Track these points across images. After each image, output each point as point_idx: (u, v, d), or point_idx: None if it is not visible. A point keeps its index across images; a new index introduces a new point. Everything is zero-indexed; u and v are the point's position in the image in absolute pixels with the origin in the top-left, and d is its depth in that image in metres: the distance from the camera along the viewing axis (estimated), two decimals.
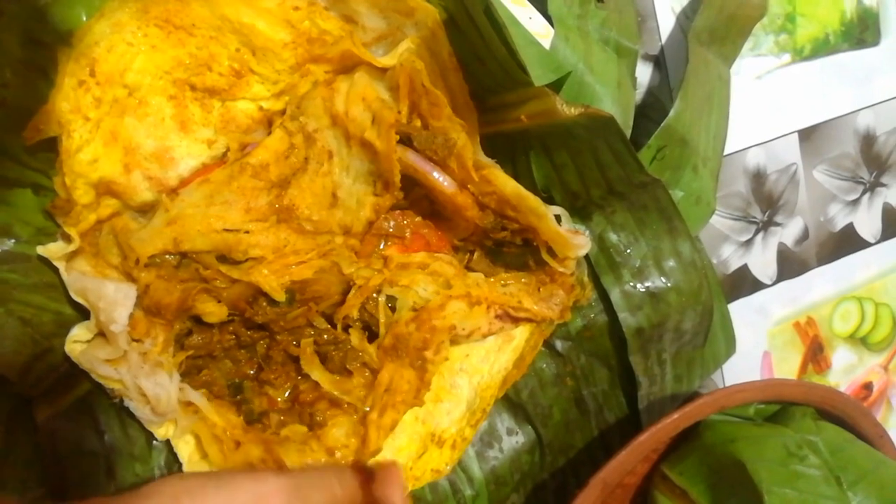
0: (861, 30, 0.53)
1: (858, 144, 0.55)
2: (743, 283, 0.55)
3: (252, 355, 0.43)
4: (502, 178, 0.39)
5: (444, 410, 0.45)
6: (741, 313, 0.55)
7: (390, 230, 0.43)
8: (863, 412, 0.47)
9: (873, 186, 0.57)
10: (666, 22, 0.50)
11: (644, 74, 0.50)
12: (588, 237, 0.43)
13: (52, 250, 0.37)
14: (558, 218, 0.42)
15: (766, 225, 0.54)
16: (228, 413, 0.41)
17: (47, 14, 0.37)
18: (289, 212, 0.39)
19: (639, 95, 0.50)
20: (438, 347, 0.41)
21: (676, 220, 0.44)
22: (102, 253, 0.38)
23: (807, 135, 0.54)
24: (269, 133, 0.40)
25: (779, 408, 0.48)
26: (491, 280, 0.43)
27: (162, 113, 0.39)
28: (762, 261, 0.55)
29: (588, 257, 0.44)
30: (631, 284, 0.45)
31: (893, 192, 0.57)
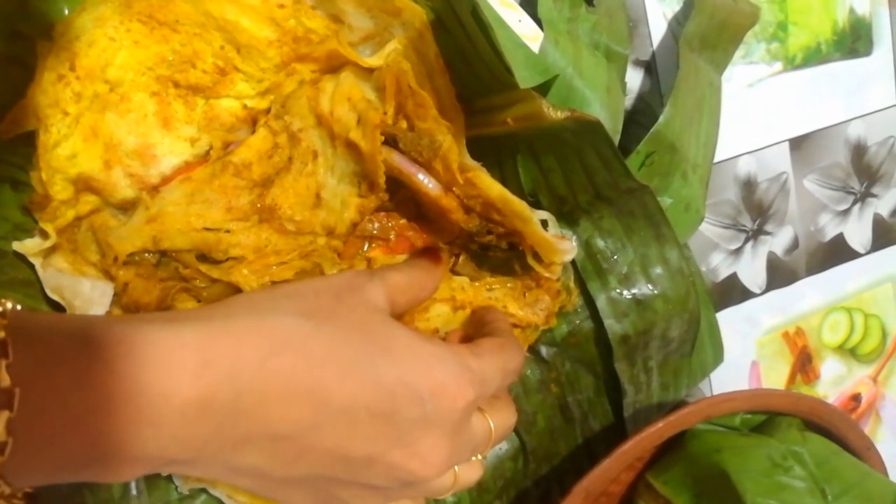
0: (853, 39, 0.53)
1: (849, 154, 0.55)
2: (732, 292, 0.55)
3: None
4: (488, 182, 0.39)
5: None
6: (730, 322, 0.55)
7: (375, 232, 0.42)
8: (850, 424, 0.47)
9: (864, 197, 0.56)
10: (658, 27, 0.49)
11: (635, 80, 0.50)
12: (574, 242, 0.43)
13: (29, 246, 0.37)
14: (545, 223, 0.42)
15: (756, 233, 0.54)
16: None
17: (29, 7, 0.36)
18: (271, 211, 0.39)
19: (630, 101, 0.50)
20: None
21: (664, 227, 0.43)
22: (81, 250, 0.38)
23: (798, 144, 0.54)
24: (253, 132, 0.40)
25: (765, 418, 0.47)
26: (476, 284, 0.43)
27: (144, 109, 0.38)
28: (751, 270, 0.55)
29: (574, 263, 0.44)
30: (617, 291, 0.44)
31: (884, 203, 0.57)
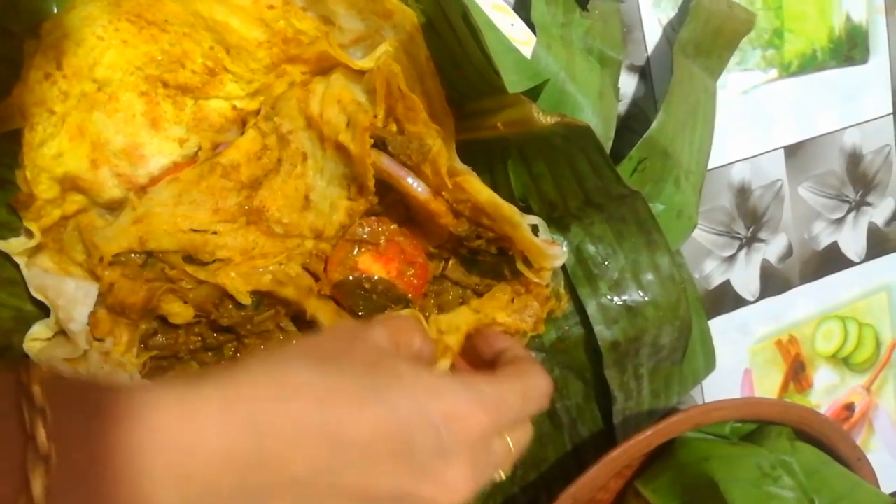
0: (849, 47, 0.53)
1: (844, 162, 0.55)
2: (725, 299, 0.54)
3: (219, 357, 0.42)
4: (477, 186, 0.39)
5: None
6: (723, 330, 0.54)
7: (364, 236, 0.42)
8: (841, 434, 0.46)
9: (859, 205, 0.56)
10: (652, 33, 0.49)
11: (629, 86, 0.50)
12: (564, 248, 0.42)
13: (13, 245, 0.36)
14: (535, 228, 0.42)
15: (750, 241, 0.54)
16: None
17: (18, 4, 0.36)
18: (259, 214, 0.38)
19: (624, 107, 0.50)
20: None
21: (655, 234, 0.43)
22: (66, 250, 0.37)
23: (792, 151, 0.53)
24: (243, 133, 0.39)
25: (755, 427, 0.47)
26: (460, 310, 0.42)
27: (133, 109, 0.38)
28: (745, 277, 0.54)
29: (565, 268, 0.44)
30: (608, 297, 0.44)
31: (879, 212, 0.57)
